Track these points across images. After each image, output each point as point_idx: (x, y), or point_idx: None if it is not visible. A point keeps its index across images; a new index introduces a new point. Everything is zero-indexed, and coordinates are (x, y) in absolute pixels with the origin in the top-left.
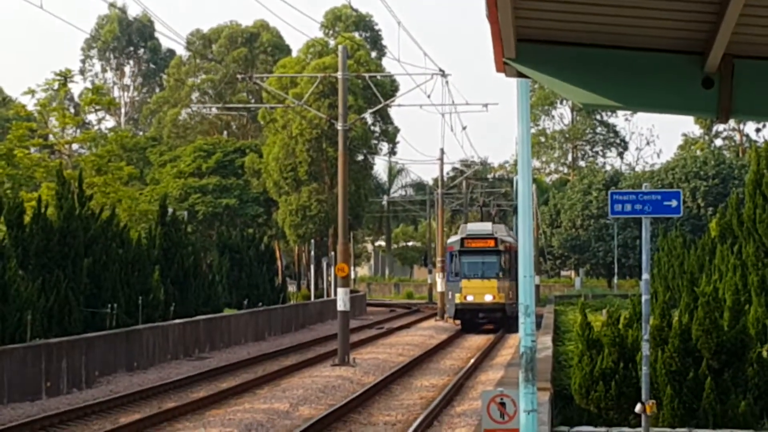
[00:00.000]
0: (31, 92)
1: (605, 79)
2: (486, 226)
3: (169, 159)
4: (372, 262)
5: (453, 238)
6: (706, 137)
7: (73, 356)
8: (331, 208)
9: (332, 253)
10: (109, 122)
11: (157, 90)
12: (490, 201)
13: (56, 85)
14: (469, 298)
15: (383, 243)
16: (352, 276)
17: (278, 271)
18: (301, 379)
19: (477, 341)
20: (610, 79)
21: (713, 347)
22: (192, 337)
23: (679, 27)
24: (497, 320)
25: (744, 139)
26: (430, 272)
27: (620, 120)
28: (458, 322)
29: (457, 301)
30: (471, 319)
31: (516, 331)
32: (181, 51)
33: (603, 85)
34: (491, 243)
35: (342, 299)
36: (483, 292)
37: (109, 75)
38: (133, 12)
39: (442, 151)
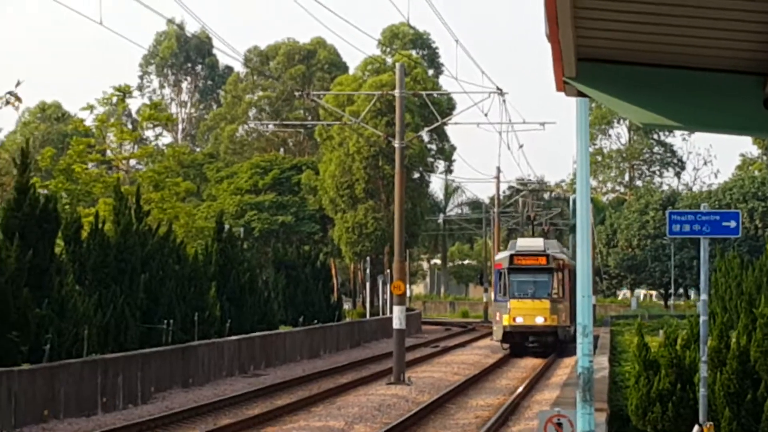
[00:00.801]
0: (90, 108)
1: (665, 99)
2: (537, 242)
3: (226, 175)
4: (428, 280)
5: (501, 255)
6: (765, 158)
7: (129, 372)
8: (388, 225)
9: (388, 270)
10: (167, 138)
11: (215, 106)
12: (541, 215)
13: (114, 101)
14: (518, 320)
15: (439, 261)
16: (408, 294)
17: (334, 289)
18: (356, 397)
19: (532, 361)
20: (670, 99)
21: None
22: (247, 353)
23: (741, 48)
24: (548, 345)
25: None
26: (485, 291)
27: (677, 140)
28: (506, 345)
29: (505, 323)
30: (520, 342)
31: (568, 355)
32: (238, 68)
33: (663, 104)
34: (543, 260)
35: (397, 317)
36: (533, 313)
37: (167, 91)
38: (191, 28)
39: (499, 170)
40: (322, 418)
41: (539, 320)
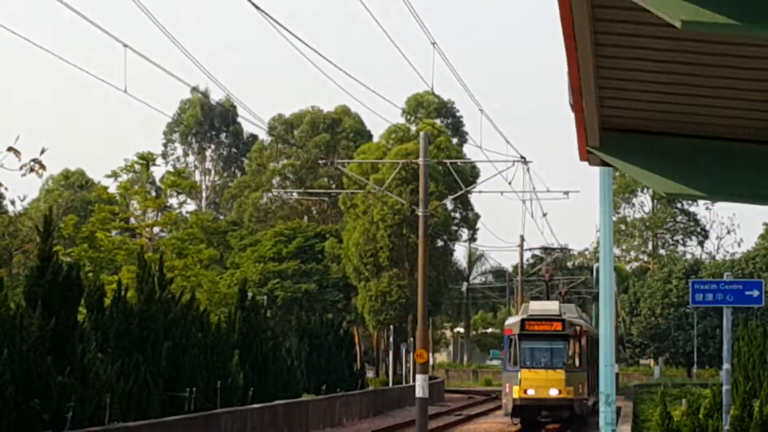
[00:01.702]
0: (114, 175)
1: (688, 169)
2: (552, 306)
3: (250, 243)
4: (451, 348)
5: (511, 320)
6: None
7: None
8: (411, 293)
9: (411, 338)
10: (190, 206)
11: (239, 174)
12: (559, 278)
13: (138, 168)
14: (530, 392)
15: (462, 329)
16: (431, 362)
17: (357, 357)
18: None
19: (556, 426)
20: (693, 169)
21: None
22: (270, 421)
23: (762, 118)
24: (563, 419)
25: None
26: None
27: (701, 209)
28: (516, 420)
29: (516, 395)
30: (532, 417)
31: (586, 430)
32: (263, 136)
33: (687, 174)
34: (558, 326)
35: (420, 385)
36: (547, 385)
37: (191, 159)
38: (215, 96)
39: (522, 238)
40: None
41: (553, 392)
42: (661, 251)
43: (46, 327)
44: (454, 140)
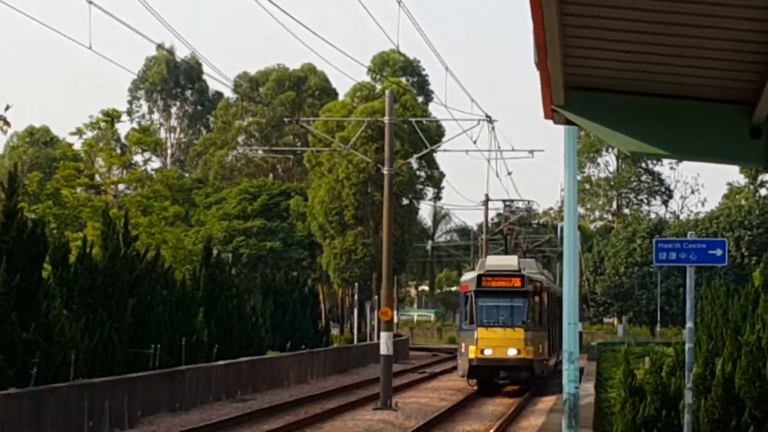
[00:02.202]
0: (79, 132)
1: (653, 128)
2: (511, 261)
3: (215, 201)
4: (415, 306)
5: (468, 276)
6: (751, 187)
7: (116, 396)
8: (376, 252)
9: (376, 297)
10: (155, 163)
11: (204, 132)
12: (519, 231)
13: (103, 125)
14: (487, 353)
15: (427, 288)
16: (395, 320)
17: (321, 315)
18: (343, 423)
19: (514, 388)
20: (658, 128)
21: (756, 396)
22: (235, 378)
23: (729, 77)
24: (523, 381)
25: None
26: None
27: (665, 168)
28: (473, 382)
29: (471, 355)
30: (489, 378)
31: (548, 393)
32: (228, 93)
33: (651, 133)
34: (517, 282)
35: (385, 343)
36: (505, 344)
37: (156, 116)
38: (181, 54)
39: (487, 197)
40: None
41: (512, 352)
42: (626, 211)
43: (10, 283)
44: (420, 99)
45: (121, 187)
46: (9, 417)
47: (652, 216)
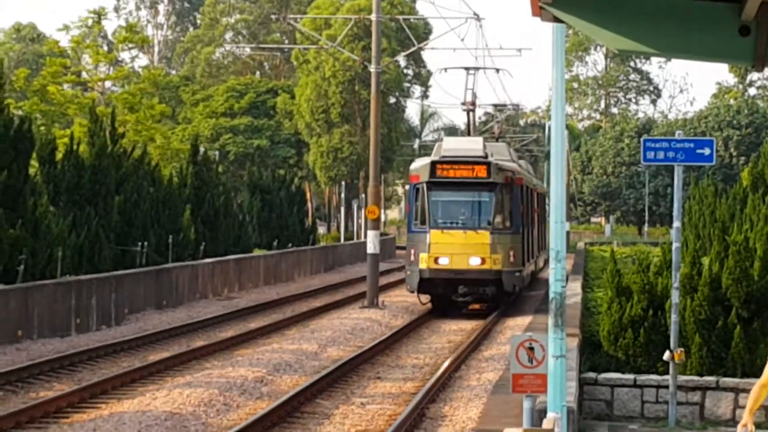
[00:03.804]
0: (66, 29)
1: (641, 25)
2: (473, 144)
3: (202, 98)
4: (402, 205)
5: (419, 162)
6: (740, 86)
7: (103, 293)
8: (363, 150)
9: (363, 195)
10: (143, 60)
11: (191, 29)
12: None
13: (90, 22)
14: (443, 261)
15: None
16: (382, 219)
17: (308, 213)
18: (329, 321)
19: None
20: (646, 25)
21: (743, 296)
22: (221, 276)
23: None
24: (489, 298)
25: None
26: None
27: (654, 67)
28: (425, 299)
29: (423, 265)
30: (445, 295)
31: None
32: None
33: (638, 30)
34: (482, 171)
35: (372, 242)
36: (466, 251)
37: (143, 13)
38: None
39: (474, 95)
40: (295, 341)
41: (474, 261)
42: (614, 110)
43: None
44: None
45: (107, 84)
46: None
47: (641, 115)
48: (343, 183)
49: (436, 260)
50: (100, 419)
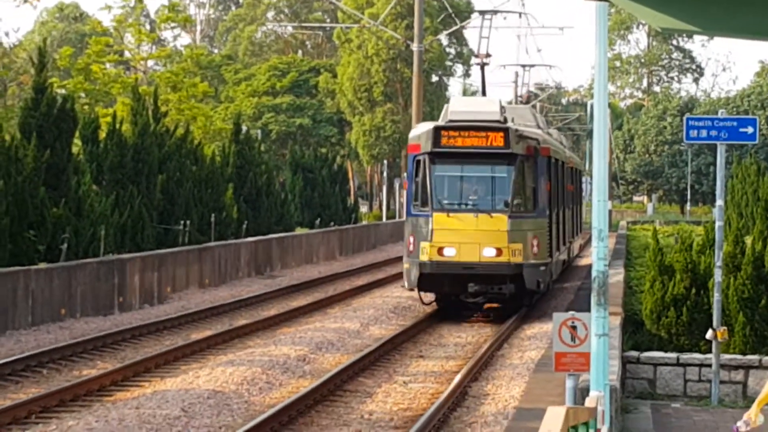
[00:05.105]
0: (108, 8)
1: (684, 3)
2: (488, 106)
3: (244, 77)
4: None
5: (419, 128)
6: None
7: (146, 272)
8: (405, 128)
9: (405, 174)
10: (185, 39)
11: (233, 8)
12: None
13: (132, 2)
14: (448, 253)
15: None
16: None
17: (350, 192)
18: (371, 299)
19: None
20: (690, 4)
21: None
22: (264, 255)
23: None
24: (505, 298)
25: None
26: None
27: (696, 45)
28: (427, 297)
29: (424, 257)
30: (451, 292)
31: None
32: None
33: (682, 9)
34: (497, 138)
35: None
36: (477, 240)
37: None
38: None
39: (517, 74)
40: (337, 319)
41: (488, 253)
42: (656, 88)
43: (40, 159)
44: None
45: (150, 63)
46: (40, 292)
47: (683, 94)
48: (385, 162)
49: (440, 251)
50: (143, 397)
